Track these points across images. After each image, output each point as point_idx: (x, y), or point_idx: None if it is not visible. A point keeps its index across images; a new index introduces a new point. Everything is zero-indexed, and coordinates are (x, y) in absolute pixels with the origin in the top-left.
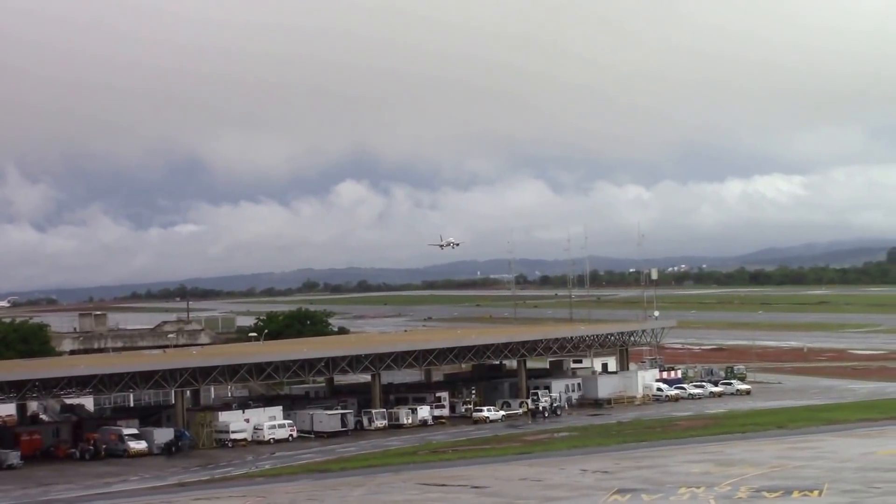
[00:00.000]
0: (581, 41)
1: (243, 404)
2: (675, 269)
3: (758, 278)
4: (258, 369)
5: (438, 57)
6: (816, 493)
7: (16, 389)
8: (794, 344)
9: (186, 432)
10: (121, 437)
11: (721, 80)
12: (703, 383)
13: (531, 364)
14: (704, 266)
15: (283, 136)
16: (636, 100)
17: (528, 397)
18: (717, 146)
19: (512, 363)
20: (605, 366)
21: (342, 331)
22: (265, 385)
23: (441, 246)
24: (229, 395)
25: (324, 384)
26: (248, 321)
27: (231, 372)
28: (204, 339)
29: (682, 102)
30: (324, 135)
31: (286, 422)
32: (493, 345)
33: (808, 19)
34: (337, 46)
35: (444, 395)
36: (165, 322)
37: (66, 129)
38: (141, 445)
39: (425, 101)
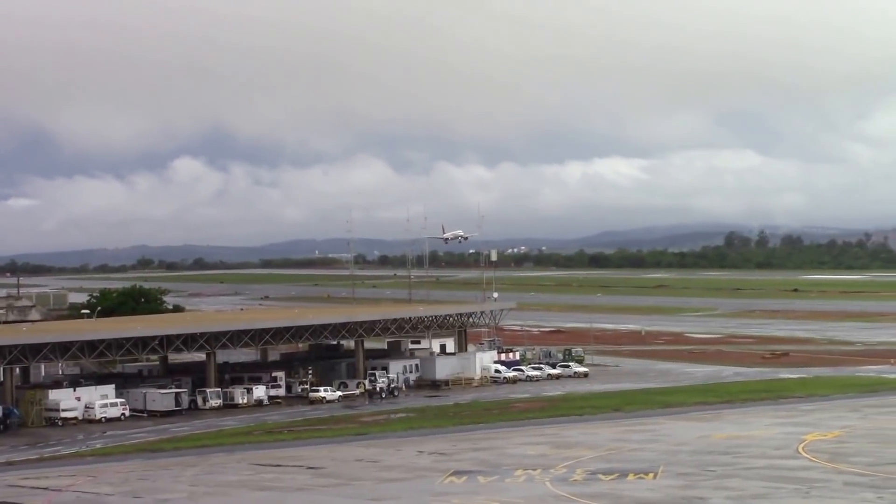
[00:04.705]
0: (440, 17)
1: (74, 382)
2: (515, 250)
3: (597, 261)
4: (90, 347)
5: (296, 33)
6: (652, 475)
7: None
8: (632, 327)
9: (15, 410)
10: None
11: (571, 58)
12: (542, 365)
13: (369, 344)
14: (544, 248)
15: (134, 111)
16: (490, 78)
17: (365, 378)
18: (562, 127)
19: (349, 343)
20: (443, 347)
21: (177, 308)
22: (97, 363)
23: (445, 240)
24: (60, 372)
25: (158, 363)
26: (81, 298)
27: (62, 349)
28: (35, 315)
29: (534, 81)
30: (175, 110)
31: (118, 400)
32: (330, 324)
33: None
34: (197, 22)
35: (281, 374)
36: None
37: None
38: None
39: (280, 78)
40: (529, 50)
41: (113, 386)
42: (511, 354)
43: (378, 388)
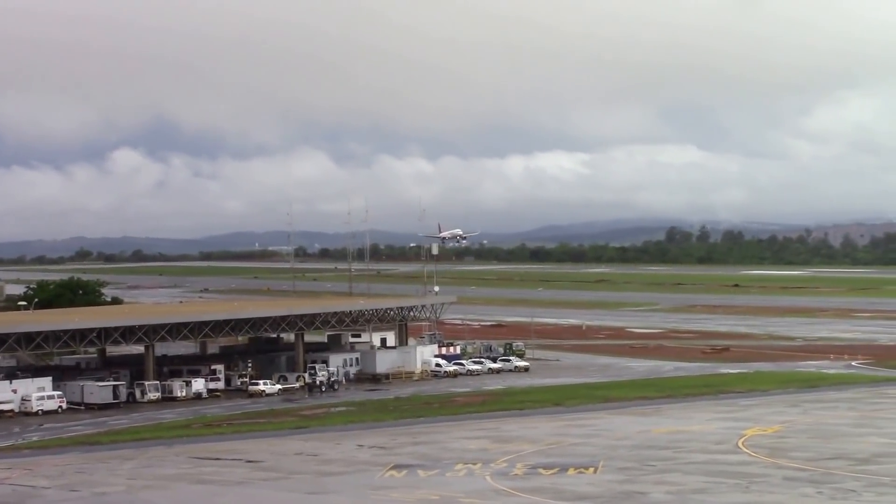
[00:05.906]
0: (385, 6)
1: (11, 374)
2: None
3: (538, 255)
4: (27, 339)
5: (240, 22)
6: (592, 470)
7: None
8: (573, 321)
9: None
10: None
11: (515, 48)
12: (482, 359)
13: (309, 338)
14: (485, 242)
15: (74, 100)
16: (433, 68)
17: (305, 371)
18: (504, 120)
19: (289, 336)
20: (383, 340)
21: (115, 301)
22: (34, 355)
23: (443, 239)
24: None
25: (96, 355)
26: (18, 289)
27: None
28: None
29: (477, 72)
30: (116, 101)
31: (56, 393)
32: (270, 317)
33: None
34: (140, 10)
35: (220, 367)
36: None
37: None
38: None
39: (222, 67)
40: (473, 39)
41: (50, 378)
42: (452, 348)
43: (318, 382)
